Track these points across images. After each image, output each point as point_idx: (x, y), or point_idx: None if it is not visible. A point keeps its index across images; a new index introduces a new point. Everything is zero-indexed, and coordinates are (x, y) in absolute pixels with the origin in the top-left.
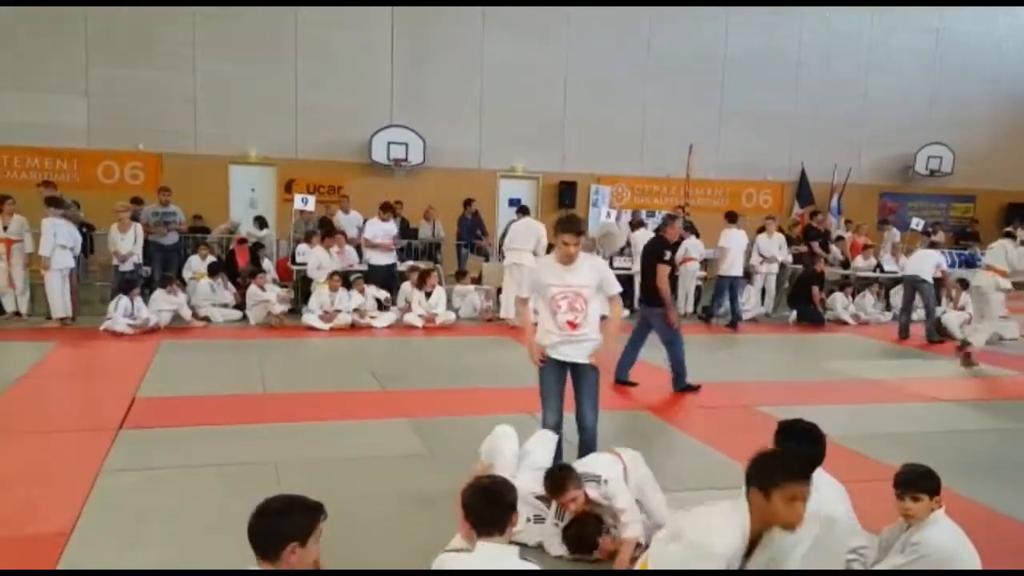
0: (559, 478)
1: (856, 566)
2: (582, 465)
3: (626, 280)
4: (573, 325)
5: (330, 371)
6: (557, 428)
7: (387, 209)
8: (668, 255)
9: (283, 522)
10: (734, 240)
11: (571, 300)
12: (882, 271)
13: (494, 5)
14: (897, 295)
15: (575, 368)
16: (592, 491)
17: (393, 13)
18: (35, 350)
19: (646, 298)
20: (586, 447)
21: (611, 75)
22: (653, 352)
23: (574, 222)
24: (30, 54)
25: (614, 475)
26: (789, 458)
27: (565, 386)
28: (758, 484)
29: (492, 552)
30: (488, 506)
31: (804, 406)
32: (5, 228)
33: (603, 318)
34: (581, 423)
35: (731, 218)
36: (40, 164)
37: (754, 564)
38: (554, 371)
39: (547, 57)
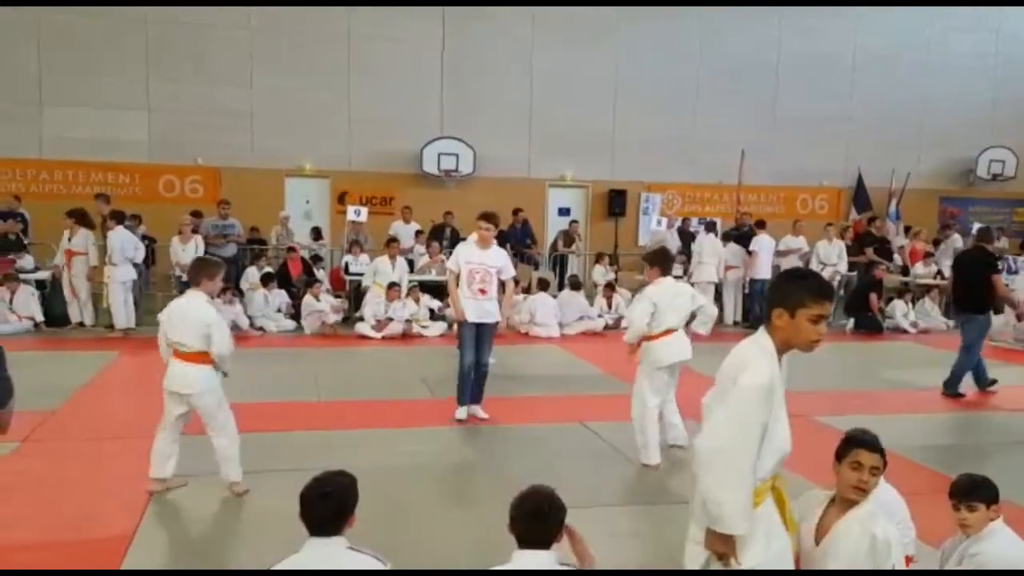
0: None
1: (911, 548)
2: None
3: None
4: (483, 292)
5: (383, 379)
6: (472, 365)
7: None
8: (997, 263)
9: (347, 500)
10: (764, 244)
11: (482, 274)
12: (943, 278)
13: (540, 5)
14: None
15: (481, 326)
16: None
17: (444, 26)
18: (98, 359)
19: (968, 307)
20: (481, 376)
21: (661, 82)
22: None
23: (490, 215)
24: (93, 71)
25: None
26: (816, 280)
27: (475, 338)
28: (784, 304)
29: (527, 560)
30: (531, 521)
31: (863, 416)
32: (70, 240)
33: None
34: (479, 359)
35: (760, 225)
36: (103, 178)
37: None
38: (471, 329)
39: (596, 66)
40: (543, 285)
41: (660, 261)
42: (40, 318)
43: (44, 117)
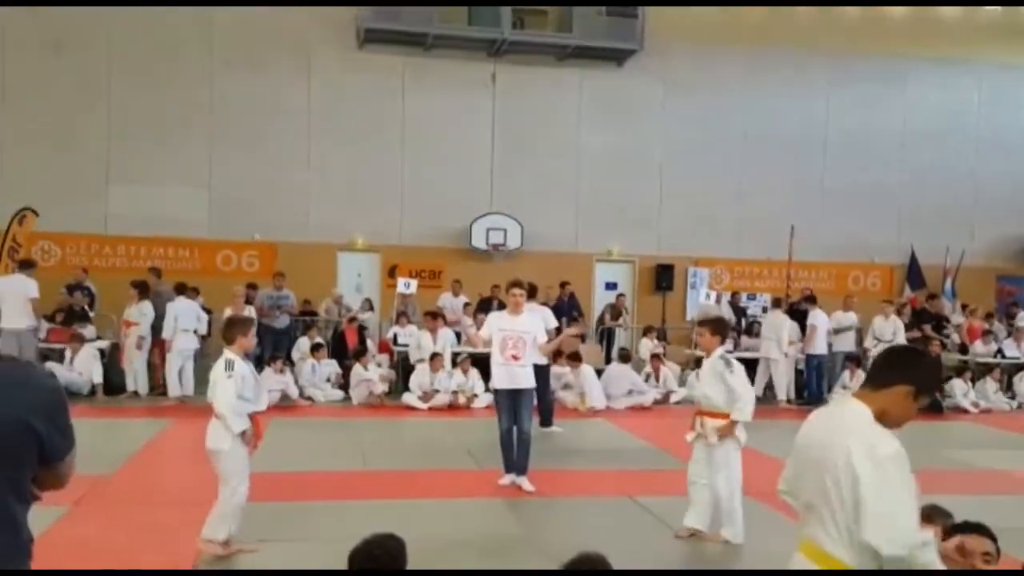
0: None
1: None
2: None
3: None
4: (516, 358)
5: (428, 450)
6: (509, 431)
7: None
8: None
9: (395, 563)
10: (821, 320)
11: (515, 340)
12: (1003, 357)
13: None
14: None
15: (518, 392)
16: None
17: (494, 105)
18: (154, 426)
19: None
20: (523, 445)
21: (708, 157)
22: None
23: (519, 282)
24: (158, 150)
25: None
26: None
27: (512, 404)
28: (920, 383)
29: None
30: None
31: (927, 496)
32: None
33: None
34: (520, 427)
35: (811, 300)
36: (164, 252)
37: None
38: (506, 396)
39: (642, 142)
40: (575, 358)
41: (724, 330)
42: (98, 379)
43: (110, 194)
